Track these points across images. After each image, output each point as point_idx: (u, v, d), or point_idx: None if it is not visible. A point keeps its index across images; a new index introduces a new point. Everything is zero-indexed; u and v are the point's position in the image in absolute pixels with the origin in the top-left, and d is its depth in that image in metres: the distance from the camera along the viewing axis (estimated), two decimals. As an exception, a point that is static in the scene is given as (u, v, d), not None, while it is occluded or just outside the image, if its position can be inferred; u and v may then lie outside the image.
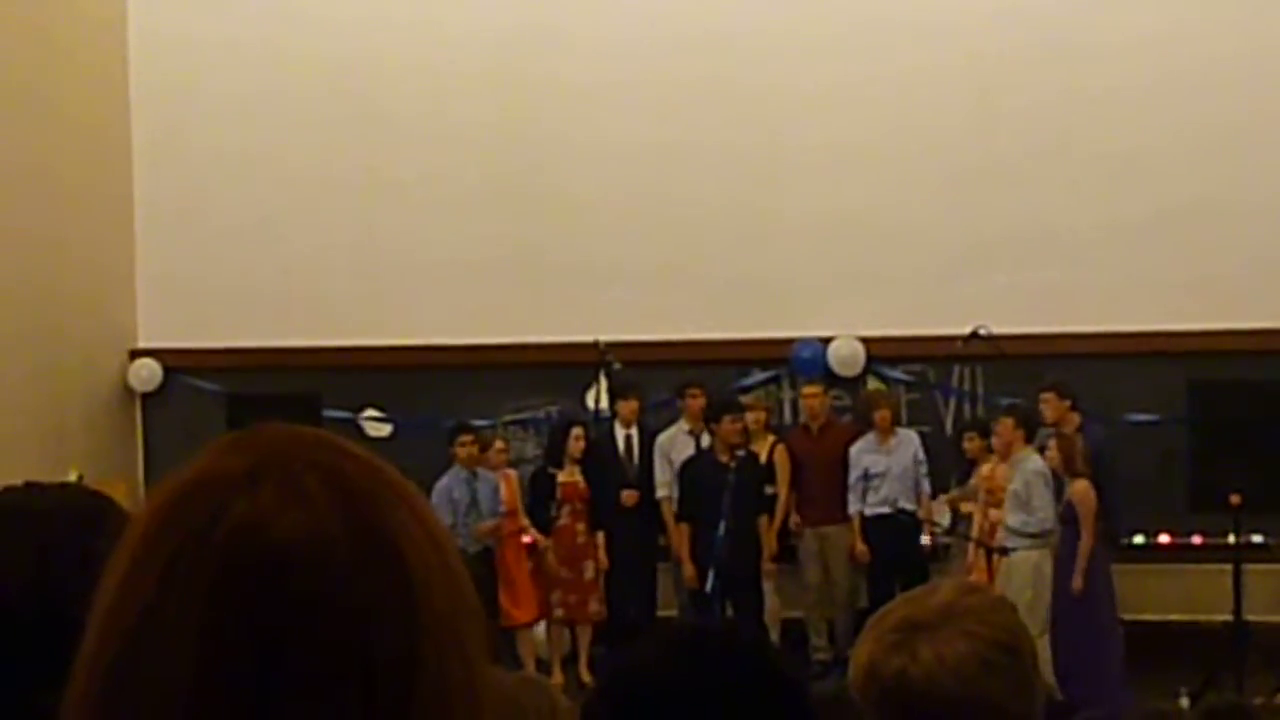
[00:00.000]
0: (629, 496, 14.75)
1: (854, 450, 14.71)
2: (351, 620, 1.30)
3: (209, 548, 1.30)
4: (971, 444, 14.25)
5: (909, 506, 14.37)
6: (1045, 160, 15.46)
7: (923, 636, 2.70)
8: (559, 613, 14.56)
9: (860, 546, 14.56)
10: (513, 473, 14.72)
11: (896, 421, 14.90)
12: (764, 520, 14.42)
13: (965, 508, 14.05)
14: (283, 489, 1.33)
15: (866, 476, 14.59)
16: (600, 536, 14.67)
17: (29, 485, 2.48)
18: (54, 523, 2.33)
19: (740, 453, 14.13)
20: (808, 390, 15.13)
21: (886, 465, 14.55)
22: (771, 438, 14.93)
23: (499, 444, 14.77)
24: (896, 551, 14.30)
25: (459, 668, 1.36)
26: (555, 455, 14.72)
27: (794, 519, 14.84)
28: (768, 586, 14.49)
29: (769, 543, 14.43)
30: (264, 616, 1.29)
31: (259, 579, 1.29)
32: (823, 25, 15.76)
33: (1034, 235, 15.41)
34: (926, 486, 14.63)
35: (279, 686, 1.28)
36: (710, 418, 14.48)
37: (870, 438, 14.75)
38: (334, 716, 1.29)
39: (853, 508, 14.62)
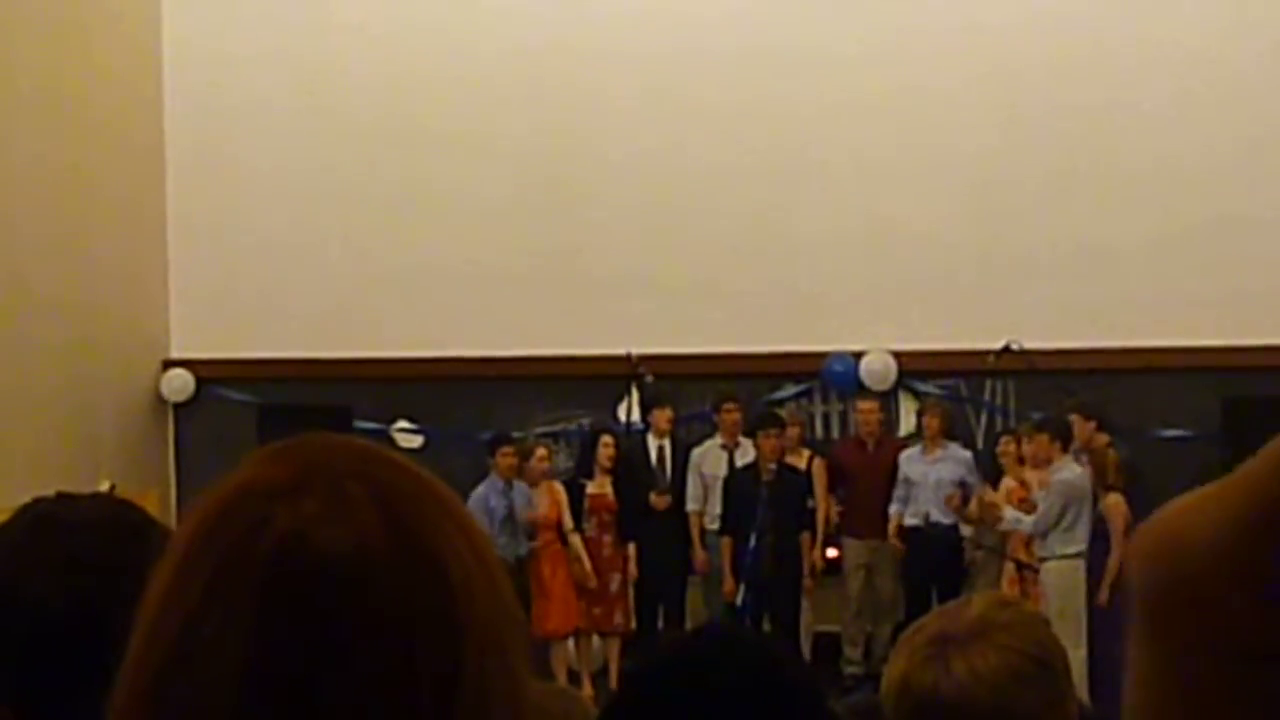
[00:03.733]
0: (659, 500, 14.71)
1: (902, 457, 14.72)
2: (395, 630, 1.31)
3: (253, 557, 1.31)
4: (1007, 448, 14.20)
5: (943, 520, 14.32)
6: (1078, 174, 15.44)
7: (955, 650, 2.70)
8: (583, 624, 14.54)
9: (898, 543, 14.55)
10: (558, 485, 14.67)
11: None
12: (806, 535, 14.37)
13: (989, 496, 13.95)
14: (326, 499, 1.33)
15: (908, 484, 14.58)
16: (631, 548, 14.68)
17: (60, 496, 2.48)
18: (85, 533, 2.33)
19: (773, 465, 14.09)
20: (864, 406, 15.13)
21: (924, 475, 14.51)
22: (807, 453, 14.89)
23: (540, 452, 14.70)
24: (932, 564, 14.26)
25: (502, 678, 1.36)
26: (586, 466, 14.72)
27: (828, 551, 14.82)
28: (804, 601, 14.47)
29: (810, 558, 14.39)
30: (308, 626, 1.29)
31: (303, 589, 1.30)
32: (857, 38, 15.75)
33: (1067, 250, 15.38)
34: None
35: (322, 696, 1.29)
36: (749, 432, 14.47)
37: (919, 447, 14.74)
38: None
39: (892, 508, 14.60)
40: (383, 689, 1.30)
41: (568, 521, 14.48)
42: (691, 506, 14.74)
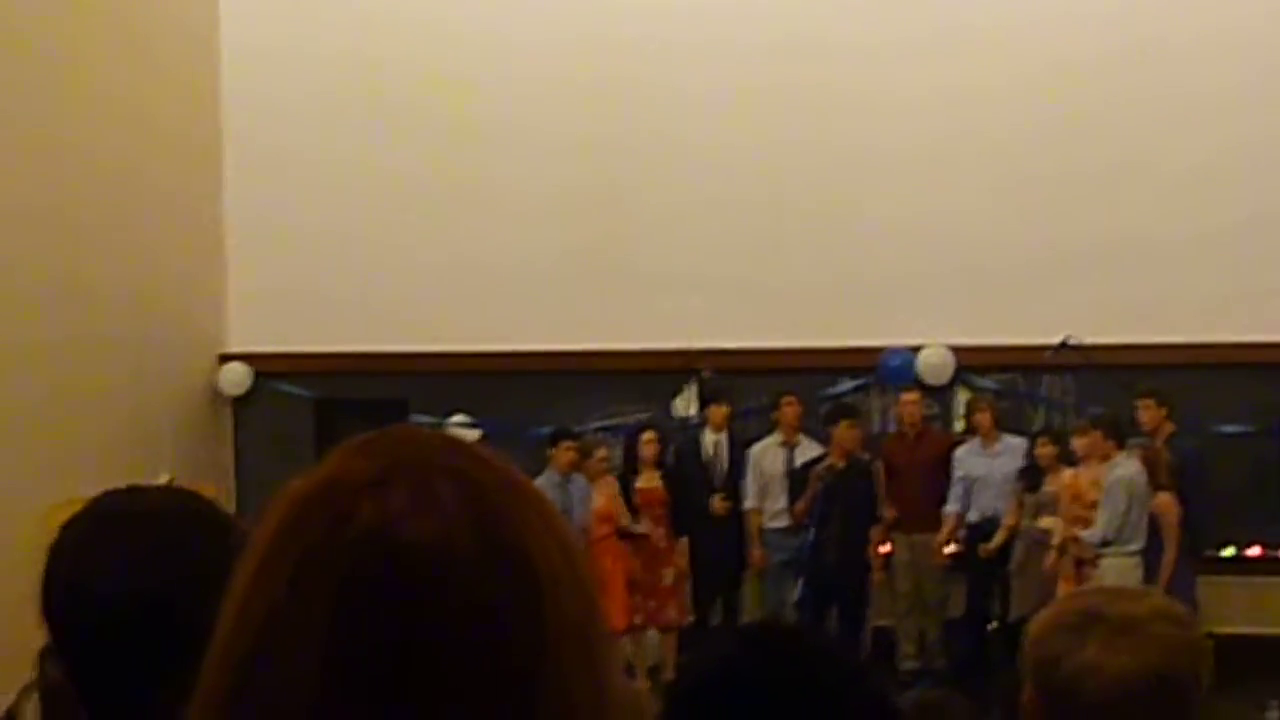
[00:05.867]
0: (720, 504, 14.71)
1: (959, 453, 14.65)
2: (478, 624, 1.31)
3: (338, 549, 1.31)
4: (1044, 449, 14.07)
5: (999, 514, 14.27)
6: (1138, 168, 15.36)
7: (1096, 634, 2.70)
8: (637, 618, 14.54)
9: (949, 547, 14.49)
10: (612, 479, 14.66)
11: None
12: (877, 530, 14.34)
13: (1044, 522, 13.88)
14: (412, 493, 1.34)
15: (968, 481, 14.50)
16: (684, 542, 14.66)
17: (130, 488, 2.49)
18: (154, 525, 2.34)
19: (837, 461, 14.06)
20: (906, 397, 15.05)
21: (988, 470, 14.44)
22: (868, 456, 14.82)
23: (601, 452, 14.70)
24: (993, 559, 14.21)
25: (586, 675, 1.36)
26: (631, 462, 14.73)
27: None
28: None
29: (874, 553, 14.37)
30: (391, 619, 1.29)
31: (387, 581, 1.30)
32: (912, 31, 15.71)
33: (1125, 244, 15.31)
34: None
35: (405, 688, 1.29)
36: (830, 421, 14.43)
37: (976, 442, 14.67)
38: (460, 718, 1.30)
39: (948, 508, 14.53)
40: (466, 683, 1.30)
41: (622, 517, 14.48)
42: (749, 504, 14.72)
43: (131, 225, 15.14)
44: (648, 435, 14.75)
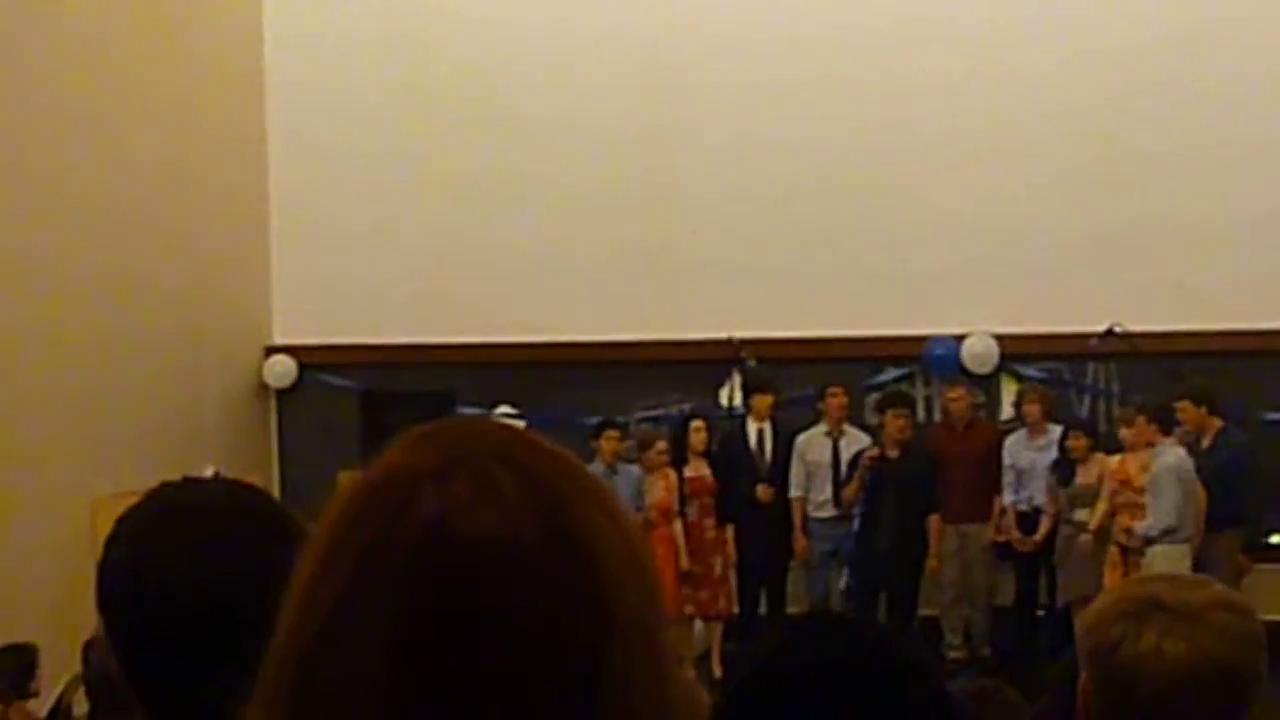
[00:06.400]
0: (764, 492, 14.69)
1: (1008, 442, 14.65)
2: (540, 617, 1.31)
3: (400, 541, 1.32)
4: (1076, 443, 14.01)
5: (1041, 504, 14.25)
6: (1184, 154, 15.28)
7: (1156, 622, 2.69)
8: (688, 609, 14.52)
9: (999, 537, 14.48)
10: (671, 472, 14.64)
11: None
12: (934, 519, 14.34)
13: (1080, 514, 13.82)
14: (475, 484, 1.34)
15: (1016, 471, 14.48)
16: (730, 530, 14.66)
17: (185, 480, 2.50)
18: (215, 517, 2.35)
19: (890, 450, 14.05)
20: (952, 394, 14.99)
21: (1032, 461, 14.41)
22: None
23: (660, 444, 14.62)
24: (1040, 549, 14.19)
25: (648, 665, 1.36)
26: (680, 451, 14.71)
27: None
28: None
29: (933, 542, 14.37)
30: (454, 611, 1.30)
31: (450, 573, 1.31)
32: (954, 20, 15.66)
33: (1171, 230, 15.23)
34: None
35: (469, 678, 1.30)
36: (882, 409, 14.41)
37: (1024, 433, 14.65)
38: (522, 711, 1.30)
39: (1007, 499, 14.52)
40: (528, 672, 1.30)
41: (675, 508, 14.48)
42: (794, 493, 14.71)
43: (177, 219, 15.19)
44: (696, 424, 14.75)
